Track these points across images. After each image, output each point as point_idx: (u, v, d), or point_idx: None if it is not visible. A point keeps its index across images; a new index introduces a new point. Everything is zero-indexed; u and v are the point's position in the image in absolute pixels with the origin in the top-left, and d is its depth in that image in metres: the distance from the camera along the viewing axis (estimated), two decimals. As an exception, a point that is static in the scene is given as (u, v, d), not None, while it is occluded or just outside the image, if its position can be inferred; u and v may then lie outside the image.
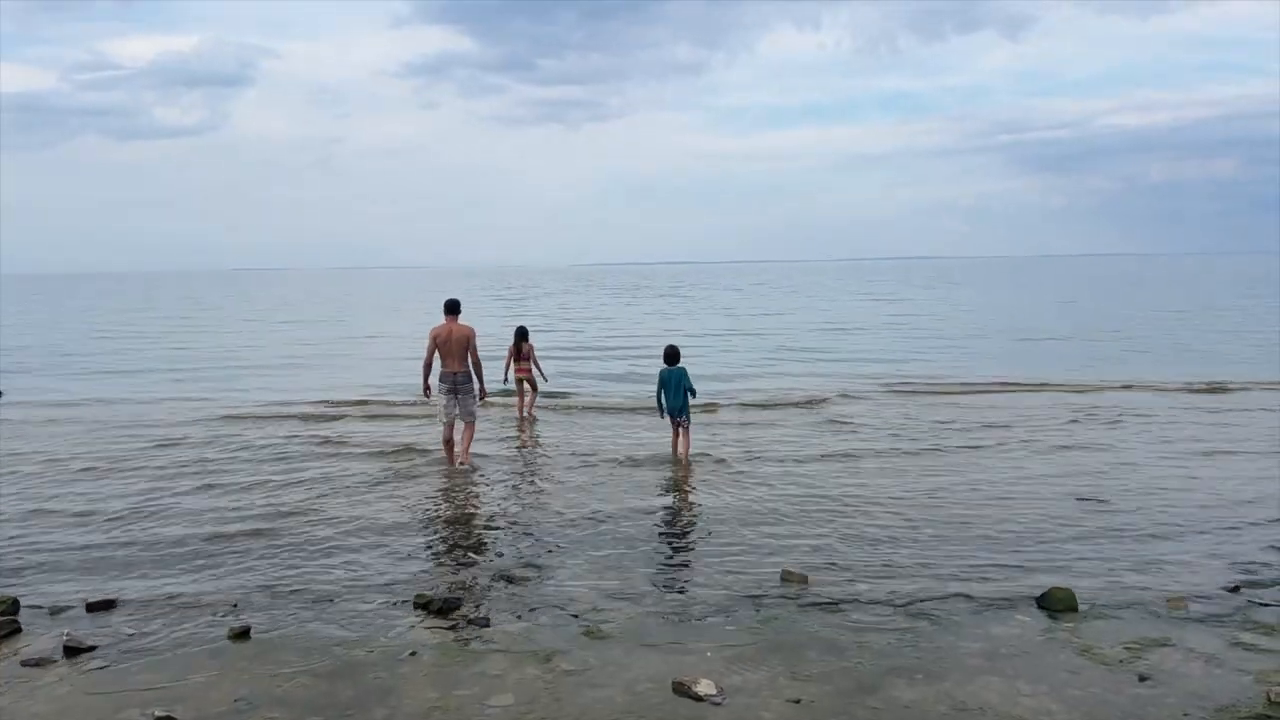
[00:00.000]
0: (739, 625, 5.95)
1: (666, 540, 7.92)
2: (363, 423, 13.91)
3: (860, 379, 18.63)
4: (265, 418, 14.29)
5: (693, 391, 11.11)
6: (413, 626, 5.96)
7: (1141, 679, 5.14)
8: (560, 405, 15.32)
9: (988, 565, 7.10)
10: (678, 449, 11.11)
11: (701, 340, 27.87)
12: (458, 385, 10.61)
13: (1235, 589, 6.53)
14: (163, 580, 6.86)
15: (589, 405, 15.48)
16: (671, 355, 11.23)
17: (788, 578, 6.74)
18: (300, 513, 8.72)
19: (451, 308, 10.72)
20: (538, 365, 14.29)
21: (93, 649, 5.61)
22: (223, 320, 44.40)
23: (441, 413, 10.76)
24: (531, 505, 9.15)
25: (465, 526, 8.45)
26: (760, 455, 11.22)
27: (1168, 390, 16.78)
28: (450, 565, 7.34)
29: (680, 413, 11.05)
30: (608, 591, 6.56)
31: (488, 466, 10.78)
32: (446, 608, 6.16)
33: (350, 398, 16.29)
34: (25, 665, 5.43)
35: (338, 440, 12.41)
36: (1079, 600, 6.21)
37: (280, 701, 4.95)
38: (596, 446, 11.85)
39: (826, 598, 6.39)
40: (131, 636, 5.82)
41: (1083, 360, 22.07)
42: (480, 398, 10.85)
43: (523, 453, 11.82)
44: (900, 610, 6.16)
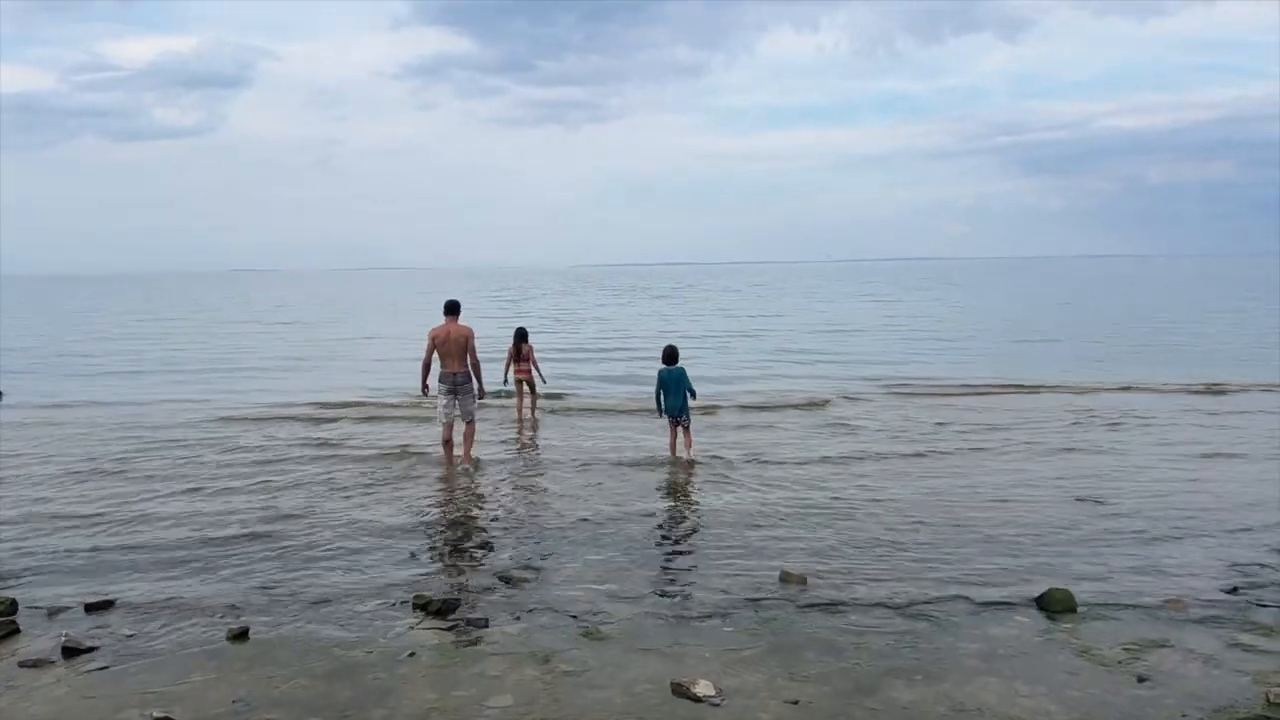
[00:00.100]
0: (737, 626, 5.95)
1: (665, 541, 7.92)
2: (361, 424, 13.90)
3: (860, 380, 18.64)
4: (264, 419, 14.29)
5: (692, 392, 11.09)
6: (411, 627, 5.96)
7: (1140, 680, 5.15)
8: (559, 407, 15.32)
9: (986, 566, 7.10)
10: (676, 449, 11.12)
11: (701, 341, 27.88)
12: (457, 385, 10.63)
13: (1234, 590, 6.54)
14: (161, 582, 6.86)
15: (588, 407, 15.48)
16: (670, 355, 11.21)
17: (786, 579, 6.75)
18: (298, 514, 8.71)
19: (451, 308, 10.74)
20: (537, 367, 14.30)
21: (91, 650, 5.60)
22: (222, 321, 44.39)
23: (441, 413, 10.76)
24: (530, 506, 9.15)
25: (464, 528, 8.45)
26: (759, 457, 11.22)
27: (1167, 392, 16.80)
28: (449, 566, 7.35)
29: (680, 413, 11.04)
30: (606, 592, 6.56)
31: (486, 468, 10.78)
32: (445, 609, 6.16)
33: (348, 399, 16.29)
34: (23, 666, 5.43)
35: (336, 442, 12.41)
36: (1077, 601, 6.21)
37: (279, 703, 4.95)
38: (595, 448, 11.85)
39: (825, 599, 6.39)
40: (130, 638, 5.82)
41: (1081, 361, 22.08)
42: (479, 398, 10.86)
43: (521, 454, 11.82)
44: (899, 611, 6.16)
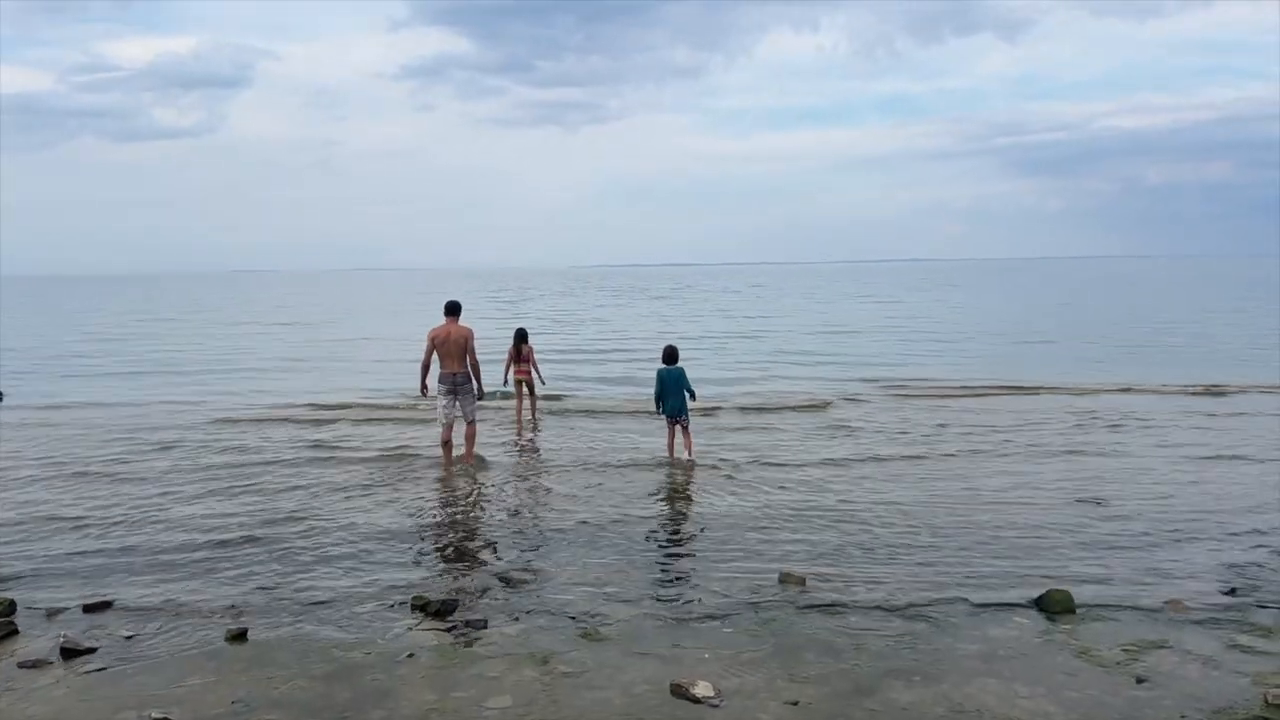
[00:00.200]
0: (737, 628, 5.94)
1: (664, 543, 7.92)
2: (359, 425, 13.90)
3: (859, 382, 18.64)
4: (262, 420, 14.29)
5: (691, 393, 11.09)
6: (410, 629, 5.96)
7: (1139, 681, 5.15)
8: (558, 408, 15.32)
9: (986, 568, 7.10)
10: (674, 450, 11.11)
11: (700, 342, 27.88)
12: (457, 386, 10.64)
13: (1232, 591, 6.54)
14: (160, 583, 6.85)
15: (586, 408, 15.48)
16: (670, 355, 11.22)
17: (786, 580, 6.74)
18: (297, 515, 8.71)
19: (451, 309, 10.75)
20: (536, 368, 14.29)
21: (90, 651, 5.60)
22: (220, 322, 44.36)
23: (441, 413, 10.77)
24: (529, 507, 9.15)
25: (463, 529, 8.44)
26: (759, 458, 11.21)
27: (1166, 393, 16.80)
28: (448, 567, 7.34)
29: (679, 413, 11.04)
30: (605, 594, 6.56)
31: (485, 469, 10.78)
32: (444, 610, 6.16)
33: (346, 400, 16.29)
34: (22, 667, 5.42)
35: (334, 443, 12.40)
36: (1077, 602, 6.21)
37: (277, 704, 4.95)
38: (594, 449, 11.85)
39: (824, 600, 6.39)
40: (129, 639, 5.81)
41: (1080, 363, 22.10)
42: (478, 398, 10.87)
43: (520, 455, 11.82)
44: (898, 612, 6.16)
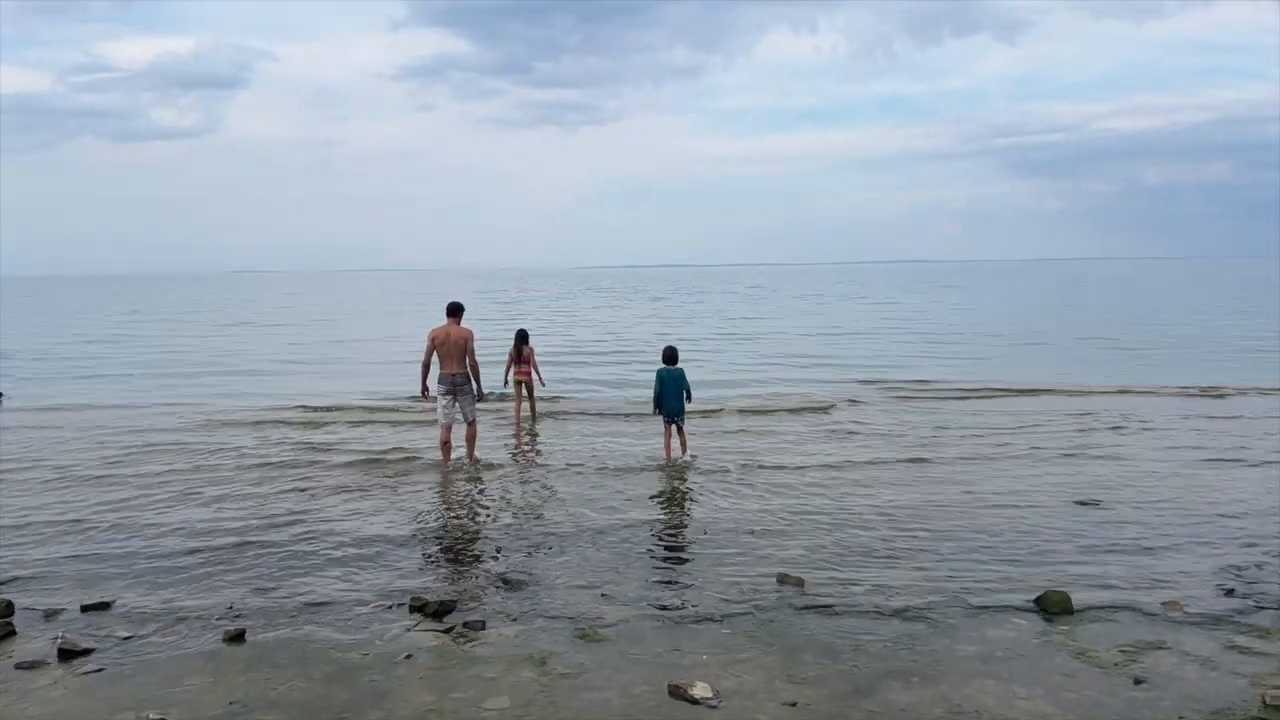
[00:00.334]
0: (735, 629, 5.94)
1: (662, 544, 7.91)
2: (357, 427, 13.89)
3: (858, 384, 18.66)
4: (260, 422, 14.28)
5: (689, 394, 11.11)
6: (408, 629, 5.95)
7: (1137, 682, 5.15)
8: (556, 409, 15.30)
9: (984, 568, 7.10)
10: (671, 452, 11.12)
11: (699, 344, 27.87)
12: (456, 387, 10.65)
13: (1230, 592, 6.54)
14: (158, 584, 6.85)
15: (585, 410, 15.46)
16: (671, 356, 11.25)
17: (784, 581, 6.74)
18: (295, 517, 8.70)
19: (452, 310, 10.77)
20: (537, 369, 14.28)
21: (87, 652, 5.59)
22: (219, 323, 44.33)
23: (440, 414, 10.78)
24: (527, 509, 9.14)
25: (461, 530, 8.44)
26: (758, 459, 11.21)
27: (1164, 394, 16.81)
28: (446, 568, 7.34)
29: (677, 414, 11.05)
30: (603, 595, 6.55)
31: (484, 470, 10.77)
32: (442, 611, 6.16)
33: (344, 402, 16.29)
34: (19, 668, 5.41)
35: (332, 445, 12.39)
36: (1075, 603, 6.21)
37: (275, 704, 4.94)
38: (592, 451, 11.84)
39: (823, 601, 6.38)
40: (126, 640, 5.80)
41: (1079, 364, 22.12)
42: (478, 400, 10.88)
43: (519, 456, 11.81)
44: (896, 613, 6.16)
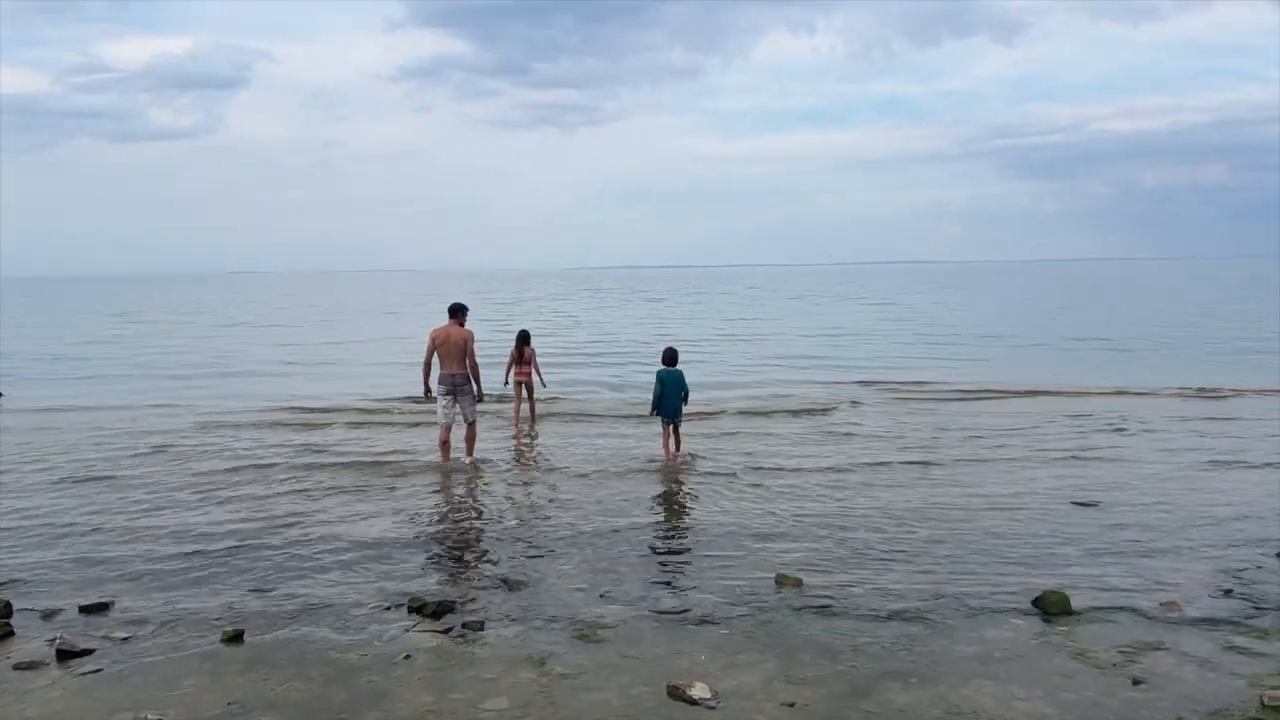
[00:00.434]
0: (733, 629, 5.94)
1: (661, 545, 7.91)
2: (355, 428, 13.89)
3: (857, 385, 18.66)
4: (259, 424, 14.26)
5: (686, 396, 11.16)
6: (407, 630, 5.95)
7: (1135, 683, 5.15)
8: (555, 411, 15.29)
9: (983, 569, 7.10)
10: (670, 453, 11.13)
11: (699, 345, 27.87)
12: (456, 387, 10.69)
13: (1229, 593, 6.55)
14: (156, 585, 6.84)
15: (584, 411, 15.46)
16: (671, 357, 11.28)
17: (782, 581, 6.75)
18: (293, 518, 8.70)
19: (454, 311, 10.80)
20: (538, 370, 14.26)
21: (85, 652, 5.58)
22: (217, 324, 44.31)
23: (440, 414, 10.81)
24: (526, 509, 9.14)
25: (459, 531, 8.44)
26: (756, 461, 11.21)
27: (1161, 396, 16.83)
28: (445, 569, 7.34)
29: (675, 415, 11.08)
30: (602, 595, 6.55)
31: (482, 470, 10.77)
32: (440, 611, 6.15)
33: (342, 403, 16.29)
34: (18, 668, 5.41)
35: (330, 446, 12.38)
36: (1073, 604, 6.22)
37: (274, 705, 4.94)
38: (591, 452, 11.84)
39: (821, 602, 6.38)
40: (124, 640, 5.80)
41: (1077, 365, 22.15)
42: (478, 400, 10.90)
43: (518, 457, 11.81)
44: (894, 614, 6.16)
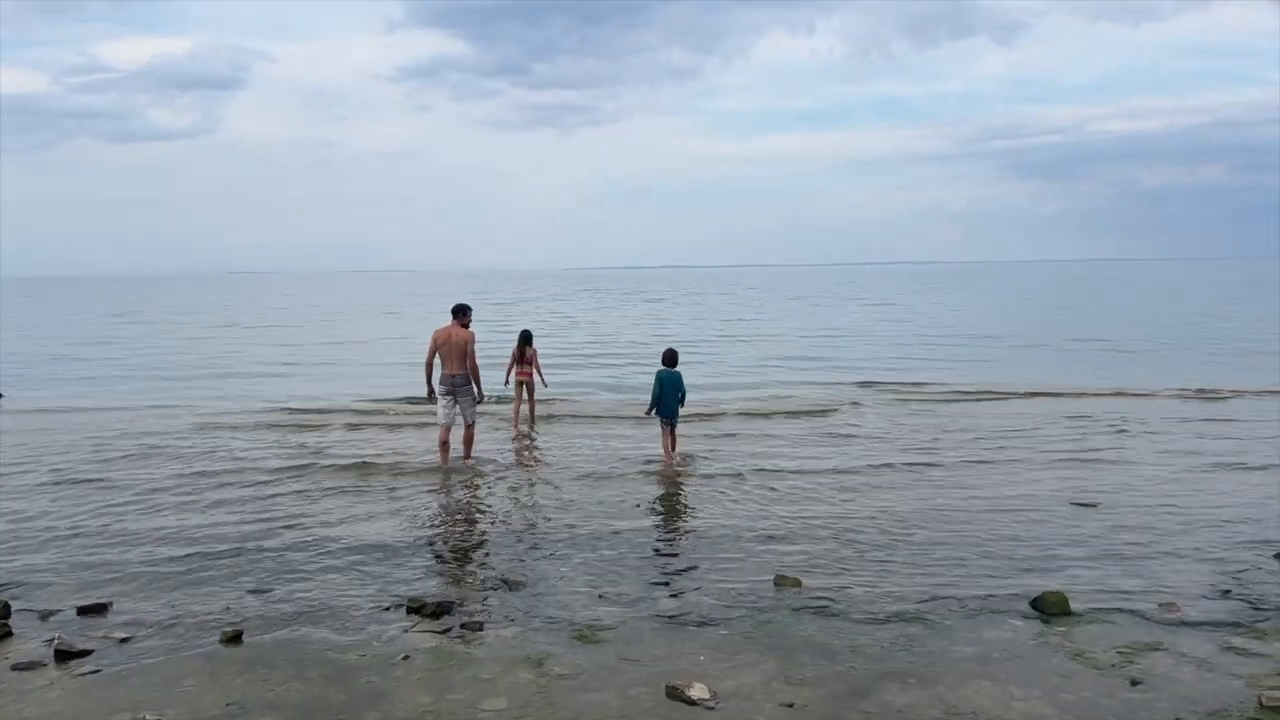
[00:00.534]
0: (732, 630, 5.94)
1: (660, 546, 7.91)
2: (354, 429, 13.88)
3: (857, 386, 18.67)
4: (257, 426, 14.25)
5: (683, 398, 11.20)
6: (405, 631, 5.95)
7: (1134, 683, 5.15)
8: (554, 411, 15.29)
9: (981, 569, 7.11)
10: (668, 452, 11.15)
11: (698, 346, 27.87)
12: (456, 388, 10.72)
13: (1227, 594, 6.56)
14: (154, 586, 6.83)
15: (583, 412, 15.46)
16: (671, 358, 11.30)
17: (781, 582, 6.75)
18: (291, 518, 8.70)
19: (456, 311, 10.83)
20: (539, 370, 14.24)
21: (84, 653, 5.58)
22: (216, 325, 44.28)
23: (440, 414, 10.84)
24: (525, 510, 9.14)
25: (458, 531, 8.44)
26: (755, 461, 11.21)
27: (1161, 397, 16.83)
28: (443, 570, 7.34)
29: (671, 415, 11.10)
30: (601, 596, 6.55)
31: (482, 471, 10.78)
32: (439, 612, 6.15)
33: (341, 404, 16.28)
34: (16, 669, 5.40)
35: (328, 447, 12.38)
36: (1072, 605, 6.22)
37: (272, 706, 4.94)
38: (590, 452, 11.84)
39: (820, 602, 6.39)
40: (123, 641, 5.79)
41: (1075, 366, 22.15)
42: (479, 400, 10.92)
43: (517, 457, 11.81)
44: (893, 615, 6.16)
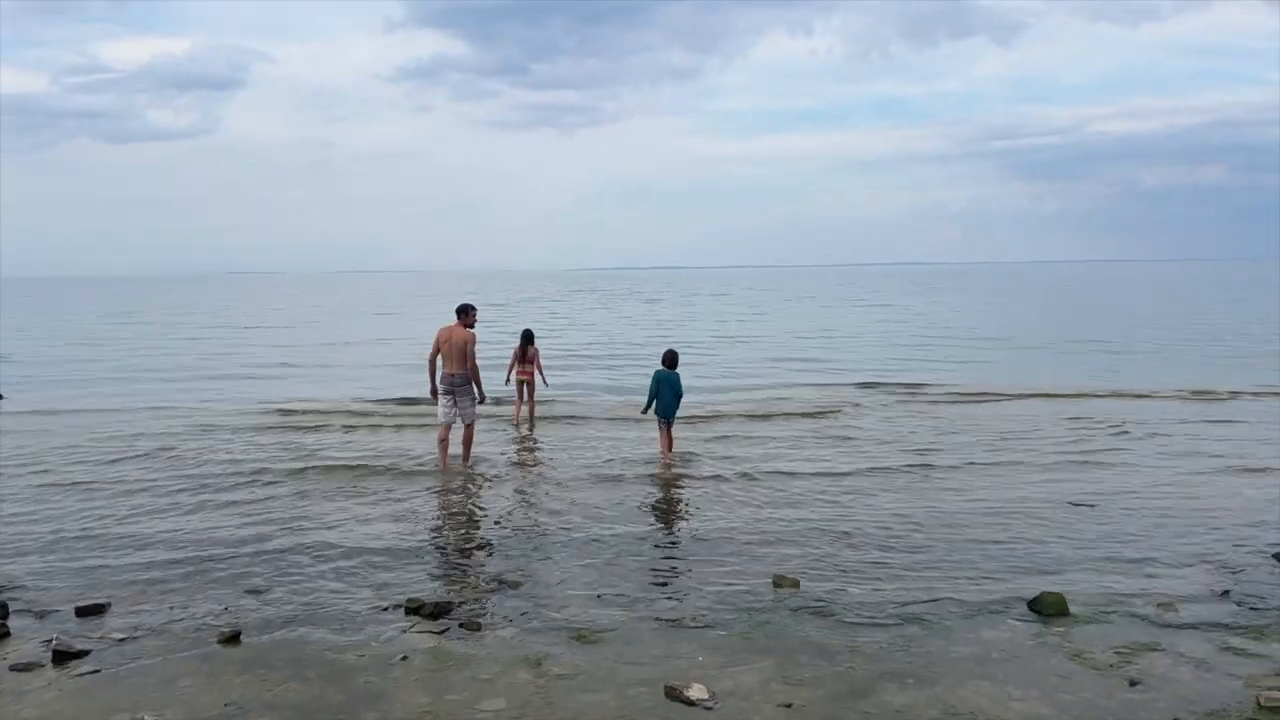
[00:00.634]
0: (731, 630, 5.94)
1: (658, 546, 7.92)
2: (352, 430, 13.86)
3: (856, 387, 18.65)
4: (255, 427, 14.23)
5: (679, 400, 11.25)
6: (404, 631, 5.95)
7: (1132, 684, 5.15)
8: (553, 412, 15.27)
9: (979, 570, 7.12)
10: (667, 452, 11.17)
11: (698, 347, 27.84)
12: (455, 387, 10.74)
13: (1225, 594, 6.56)
14: (152, 587, 6.82)
15: (582, 413, 15.43)
16: (671, 359, 11.31)
17: (779, 582, 6.75)
18: (290, 518, 8.69)
19: (459, 311, 10.87)
20: (541, 370, 14.23)
21: (82, 654, 5.57)
22: (214, 325, 44.26)
23: (440, 413, 10.87)
24: (524, 510, 9.14)
25: (457, 531, 8.44)
26: (754, 463, 11.21)
27: (1159, 398, 16.84)
28: (442, 570, 7.34)
29: (669, 414, 11.14)
30: (599, 597, 6.56)
31: (480, 471, 10.78)
32: (438, 612, 6.15)
33: (339, 405, 16.28)
34: (14, 670, 5.39)
35: (326, 447, 12.38)
36: (1070, 605, 6.23)
37: (270, 706, 4.93)
38: (589, 453, 11.84)
39: (818, 602, 6.39)
40: (121, 641, 5.79)
41: (1075, 367, 22.15)
42: (479, 401, 10.93)
43: (517, 458, 11.80)
44: (892, 614, 6.17)
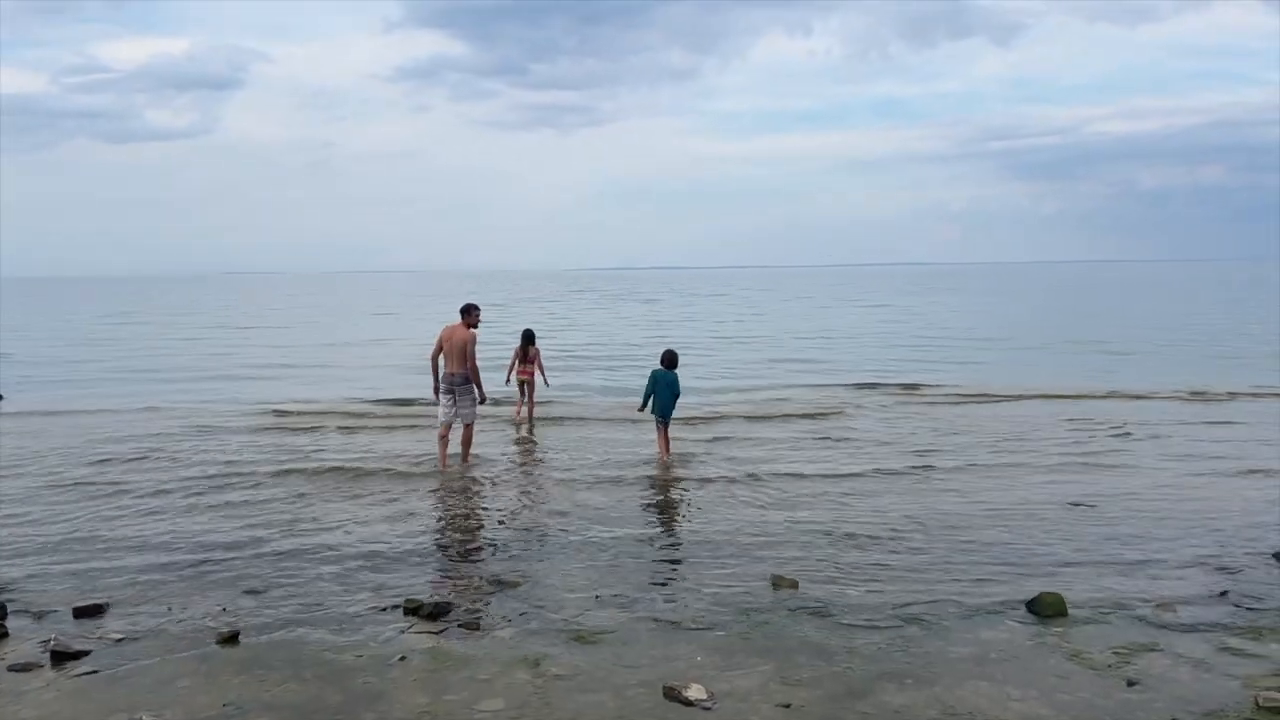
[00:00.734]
0: (729, 631, 5.94)
1: (657, 547, 7.92)
2: (350, 431, 13.86)
3: (855, 388, 18.65)
4: (254, 428, 14.23)
5: (675, 400, 11.27)
6: (402, 631, 5.95)
7: (1130, 684, 5.16)
8: (552, 412, 15.26)
9: (978, 570, 7.12)
10: (663, 451, 11.19)
11: (697, 348, 27.84)
12: (455, 387, 10.77)
13: (1223, 594, 6.56)
14: (151, 587, 6.82)
15: (581, 414, 15.41)
16: (670, 359, 11.32)
17: (778, 583, 6.75)
18: (288, 519, 8.69)
19: (463, 311, 10.92)
20: (542, 370, 14.23)
21: (80, 654, 5.57)
22: (213, 325, 44.24)
23: (440, 412, 10.91)
24: (523, 510, 9.15)
25: (455, 532, 8.44)
26: (753, 463, 11.21)
27: (1159, 398, 16.85)
28: (440, 570, 7.34)
29: (666, 413, 11.16)
30: (598, 597, 6.55)
31: (479, 471, 10.78)
32: (436, 612, 6.15)
33: (338, 405, 16.28)
34: (12, 670, 5.39)
35: (324, 447, 12.37)
36: (1069, 605, 6.23)
37: (269, 706, 4.93)
38: (588, 454, 11.83)
39: (816, 603, 6.39)
40: (119, 642, 5.78)
41: (1074, 368, 22.15)
42: (480, 401, 10.94)
43: (516, 458, 11.81)
44: (890, 615, 6.17)
